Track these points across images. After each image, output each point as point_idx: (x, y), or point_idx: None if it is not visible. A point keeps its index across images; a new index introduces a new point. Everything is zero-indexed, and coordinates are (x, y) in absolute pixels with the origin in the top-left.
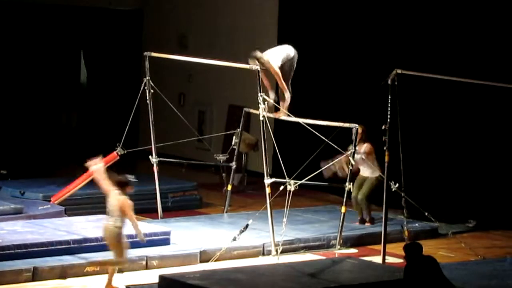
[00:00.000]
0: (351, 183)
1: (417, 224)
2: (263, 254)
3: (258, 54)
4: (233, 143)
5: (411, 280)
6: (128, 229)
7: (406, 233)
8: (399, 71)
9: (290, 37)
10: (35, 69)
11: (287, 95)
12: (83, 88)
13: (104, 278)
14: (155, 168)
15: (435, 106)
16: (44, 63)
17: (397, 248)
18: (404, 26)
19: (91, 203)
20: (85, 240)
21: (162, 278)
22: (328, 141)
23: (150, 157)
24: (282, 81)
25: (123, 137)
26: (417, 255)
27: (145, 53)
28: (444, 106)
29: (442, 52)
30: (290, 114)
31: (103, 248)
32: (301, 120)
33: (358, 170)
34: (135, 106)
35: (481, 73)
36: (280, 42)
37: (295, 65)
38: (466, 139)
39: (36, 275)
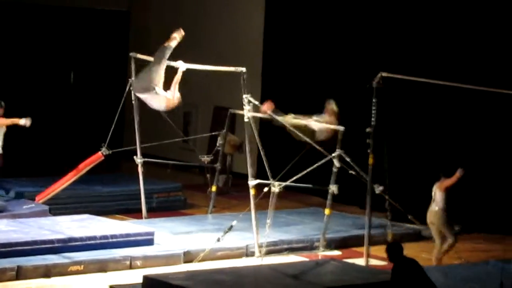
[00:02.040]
0: (335, 185)
1: (400, 227)
2: (247, 255)
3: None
4: (218, 144)
5: (399, 282)
6: (110, 228)
7: (390, 235)
8: (384, 74)
9: (276, 39)
10: (23, 69)
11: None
12: (71, 88)
13: (87, 277)
14: (139, 169)
15: (419, 109)
16: (32, 63)
17: (381, 250)
18: (389, 31)
19: (76, 202)
20: (70, 239)
21: (146, 278)
22: (313, 144)
23: (134, 157)
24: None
25: (108, 137)
26: (398, 255)
27: (131, 54)
28: (428, 110)
29: (427, 56)
30: (276, 114)
31: (87, 247)
32: (286, 122)
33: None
34: (120, 107)
35: (464, 76)
36: (266, 45)
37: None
38: (450, 143)
39: (20, 274)
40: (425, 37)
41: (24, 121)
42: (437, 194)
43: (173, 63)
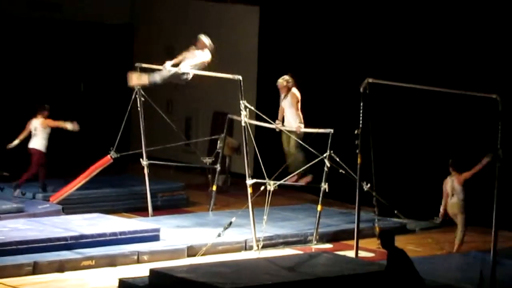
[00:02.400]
0: (327, 183)
1: (387, 221)
2: (245, 249)
3: (289, 78)
4: (217, 147)
5: (394, 270)
6: (119, 226)
7: (377, 229)
8: (370, 80)
9: (270, 47)
10: (35, 79)
11: (301, 125)
12: (82, 96)
13: (98, 271)
14: (145, 170)
15: (403, 112)
16: (46, 74)
17: (369, 243)
18: (377, 38)
19: (87, 202)
20: (82, 236)
21: (152, 271)
22: (305, 145)
23: (141, 160)
24: (299, 110)
25: (116, 141)
26: (390, 242)
27: (136, 64)
28: (411, 112)
29: (410, 62)
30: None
31: (98, 243)
32: (281, 126)
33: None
34: (127, 113)
35: (445, 81)
36: (260, 54)
37: None
38: (431, 142)
39: (36, 269)
40: (413, 43)
41: (71, 126)
42: (456, 187)
43: (175, 69)
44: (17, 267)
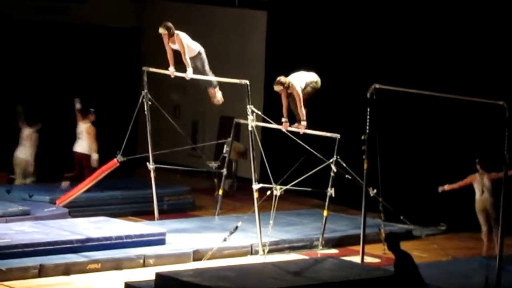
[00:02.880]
0: (333, 189)
1: (393, 227)
2: (251, 254)
3: (283, 79)
4: (224, 151)
5: (402, 274)
6: (125, 229)
7: (383, 235)
8: (377, 86)
9: (277, 52)
10: (46, 83)
11: (304, 123)
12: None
13: (104, 275)
14: (152, 174)
15: (410, 118)
16: (54, 77)
17: (375, 248)
18: (384, 44)
19: (93, 205)
20: (87, 239)
21: (158, 275)
22: (311, 150)
23: (147, 163)
24: (302, 107)
25: (123, 145)
26: (397, 244)
27: (143, 68)
28: (418, 118)
29: (417, 68)
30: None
31: (103, 247)
32: (285, 129)
33: None
34: (134, 117)
35: (452, 87)
36: (268, 57)
37: (317, 89)
38: (438, 149)
39: (42, 272)
40: (420, 49)
41: (96, 157)
42: (487, 184)
43: (182, 74)
44: (23, 270)
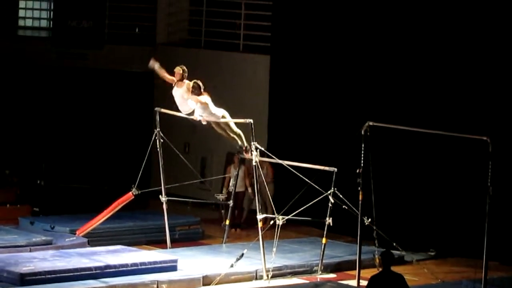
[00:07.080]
0: (331, 218)
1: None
2: (256, 279)
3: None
4: (230, 184)
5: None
6: (140, 257)
7: (377, 260)
8: (371, 123)
9: (280, 94)
10: (67, 125)
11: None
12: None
13: None
14: (164, 206)
15: (402, 152)
16: (74, 120)
17: (370, 273)
18: (379, 83)
19: (111, 235)
20: (106, 266)
21: None
22: (311, 182)
23: (160, 196)
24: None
25: (137, 179)
26: (389, 263)
27: (156, 109)
28: (409, 153)
29: (408, 106)
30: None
31: (120, 273)
32: (286, 163)
33: None
34: (147, 153)
35: (440, 123)
36: (271, 99)
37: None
38: (426, 181)
39: None
40: (411, 88)
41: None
42: None
43: (191, 117)
44: None
